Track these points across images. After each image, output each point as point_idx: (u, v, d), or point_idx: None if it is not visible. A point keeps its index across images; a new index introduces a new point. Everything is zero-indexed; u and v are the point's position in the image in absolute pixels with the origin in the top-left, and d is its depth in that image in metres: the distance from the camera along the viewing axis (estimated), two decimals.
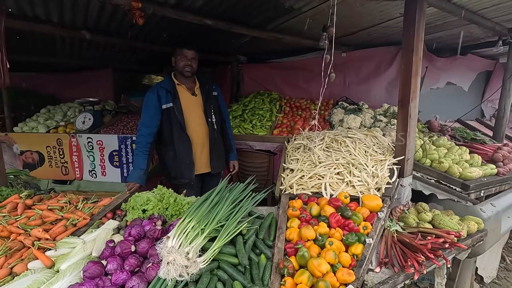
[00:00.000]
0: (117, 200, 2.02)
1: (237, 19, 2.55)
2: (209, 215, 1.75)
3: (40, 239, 1.62)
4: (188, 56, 2.34)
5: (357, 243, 1.64)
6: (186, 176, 2.36)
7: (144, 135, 2.24)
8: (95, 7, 2.29)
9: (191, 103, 2.37)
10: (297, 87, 3.80)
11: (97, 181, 3.36)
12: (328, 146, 2.37)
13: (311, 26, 2.79)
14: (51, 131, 3.41)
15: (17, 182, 2.09)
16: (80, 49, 3.44)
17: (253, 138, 3.06)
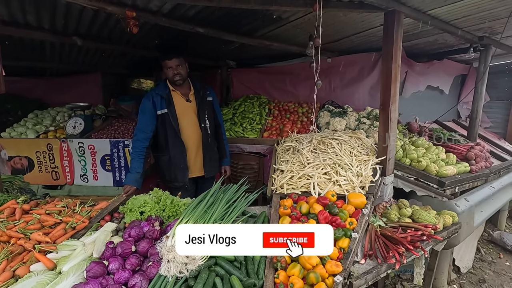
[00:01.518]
0: (114, 203, 2.07)
1: (227, 27, 2.65)
2: (205, 215, 1.84)
3: (41, 242, 1.67)
4: (172, 65, 2.39)
5: (344, 237, 1.77)
6: (180, 179, 2.44)
7: (140, 140, 2.31)
8: (89, 14, 2.34)
9: (186, 109, 2.45)
10: (285, 91, 3.94)
11: (88, 185, 3.37)
12: (316, 147, 2.51)
13: (297, 34, 2.93)
14: (41, 136, 3.40)
15: (13, 188, 2.12)
16: (70, 54, 3.44)
17: (244, 140, 3.17)
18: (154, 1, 2.10)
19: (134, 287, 1.43)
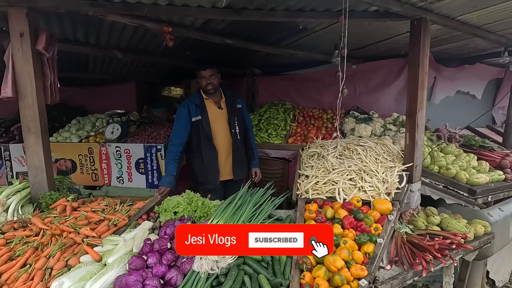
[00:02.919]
0: (150, 203, 2.24)
1: (253, 38, 2.79)
2: (234, 216, 1.95)
3: (88, 236, 1.86)
4: (206, 75, 2.57)
5: (369, 242, 1.80)
6: (211, 182, 2.58)
7: (175, 145, 2.49)
8: (129, 31, 2.57)
9: (217, 115, 2.61)
10: (309, 98, 4.00)
11: (123, 187, 3.61)
12: (341, 154, 2.55)
13: (322, 42, 3.00)
14: (83, 140, 3.71)
15: (62, 187, 2.36)
16: (109, 65, 3.75)
17: (269, 146, 3.27)
18: (188, 17, 2.28)
19: (170, 281, 1.56)
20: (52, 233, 1.88)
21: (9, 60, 1.99)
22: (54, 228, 1.90)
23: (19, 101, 2.06)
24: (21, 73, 2.01)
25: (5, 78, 2.00)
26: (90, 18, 2.29)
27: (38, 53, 2.04)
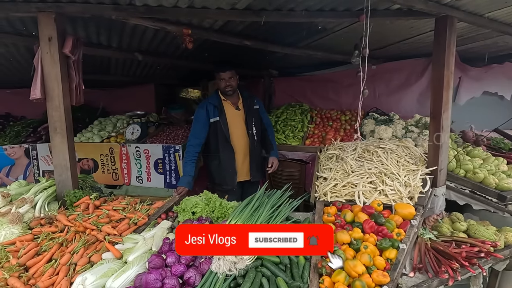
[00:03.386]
0: (169, 203, 2.28)
1: (271, 39, 2.78)
2: (251, 218, 1.95)
3: (109, 234, 1.90)
4: (225, 77, 2.58)
5: (391, 248, 1.74)
6: (229, 183, 2.59)
7: (193, 146, 2.52)
8: (150, 33, 2.63)
9: (235, 116, 2.62)
10: (327, 99, 3.94)
11: (142, 186, 3.70)
12: (360, 156, 2.49)
13: (341, 42, 2.95)
14: (104, 141, 3.82)
15: (86, 186, 2.44)
16: (130, 68, 3.85)
17: (286, 148, 3.24)
18: (207, 19, 2.30)
19: (189, 280, 1.57)
20: (76, 230, 1.94)
21: (38, 63, 2.09)
22: (78, 225, 1.96)
23: (47, 102, 2.15)
24: (49, 75, 2.10)
25: (35, 81, 2.10)
26: (113, 22, 2.36)
27: (65, 57, 2.13)
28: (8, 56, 3.05)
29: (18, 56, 3.08)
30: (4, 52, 2.93)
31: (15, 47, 2.84)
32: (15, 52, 2.98)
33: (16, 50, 2.91)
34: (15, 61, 3.24)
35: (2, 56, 3.04)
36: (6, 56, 3.08)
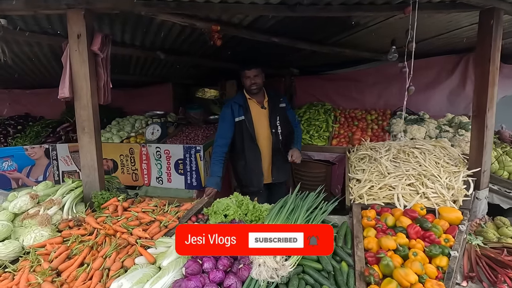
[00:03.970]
0: (198, 205, 2.20)
1: (300, 36, 2.69)
2: (287, 222, 1.86)
3: (141, 237, 1.84)
4: (250, 75, 2.51)
5: (441, 255, 1.63)
6: (255, 184, 2.51)
7: (220, 146, 2.44)
8: (175, 31, 2.56)
9: (260, 115, 2.54)
10: (350, 98, 3.83)
11: (163, 187, 3.64)
12: (395, 156, 2.37)
13: (370, 39, 2.84)
14: (124, 141, 3.78)
15: (112, 187, 2.38)
16: (149, 67, 3.80)
17: (313, 148, 3.14)
18: (237, 15, 2.22)
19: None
20: (106, 233, 1.88)
21: (66, 61, 2.04)
22: (107, 228, 1.90)
23: (75, 101, 2.10)
24: (77, 74, 2.05)
25: (63, 79, 2.05)
26: (140, 19, 2.31)
27: (93, 54, 2.07)
28: (31, 55, 3.02)
29: (41, 55, 3.05)
30: (28, 51, 2.90)
31: (39, 47, 2.81)
32: (38, 52, 2.95)
33: (39, 49, 2.88)
34: (37, 60, 3.22)
35: (25, 56, 3.02)
36: (29, 56, 3.06)
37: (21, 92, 4.47)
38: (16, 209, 1.99)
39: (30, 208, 2.04)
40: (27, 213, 1.99)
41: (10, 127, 4.07)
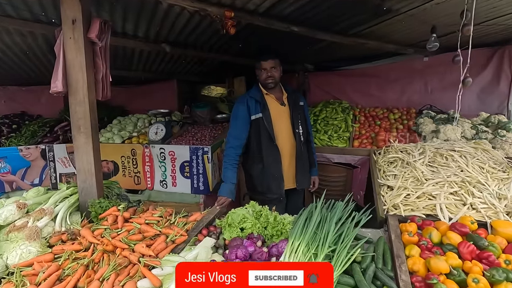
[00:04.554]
0: (209, 216, 1.93)
1: (320, 25, 2.41)
2: (315, 238, 1.59)
3: (144, 255, 1.57)
4: (266, 67, 2.25)
5: (505, 282, 1.35)
6: (274, 191, 2.23)
7: (234, 147, 2.17)
8: (183, 19, 2.30)
9: (280, 113, 2.27)
10: (369, 95, 3.55)
11: (167, 191, 3.38)
12: (432, 160, 2.10)
13: (396, 30, 2.57)
14: (126, 141, 3.52)
15: (112, 194, 2.12)
16: (153, 62, 3.54)
17: (332, 150, 2.87)
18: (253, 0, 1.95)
19: None
20: (104, 248, 1.62)
21: (60, 51, 1.78)
22: (106, 243, 1.64)
23: (69, 96, 1.84)
24: (72, 64, 1.79)
25: (56, 71, 1.79)
26: (144, 5, 2.04)
27: (90, 43, 1.81)
28: (25, 47, 2.77)
29: (36, 47, 2.80)
30: (21, 42, 2.65)
31: (32, 37, 2.55)
32: (32, 43, 2.70)
33: (33, 40, 2.62)
34: (32, 53, 2.96)
35: (18, 48, 2.76)
36: (22, 48, 2.80)
37: (17, 89, 4.22)
38: (1, 221, 1.73)
39: (17, 219, 1.78)
40: (13, 225, 1.73)
41: (5, 126, 3.81)
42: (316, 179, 2.41)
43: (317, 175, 2.43)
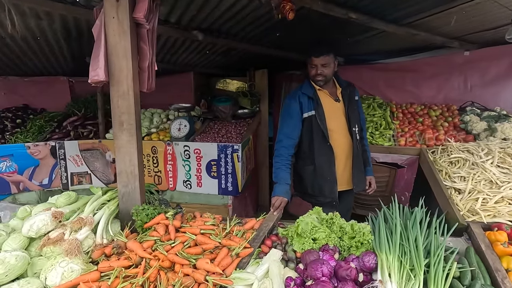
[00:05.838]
0: (267, 223, 1.72)
1: (376, 13, 2.21)
2: (403, 249, 1.41)
3: (209, 272, 1.35)
4: (317, 63, 2.04)
5: None
6: (327, 194, 2.04)
7: (286, 147, 1.96)
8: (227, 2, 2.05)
9: (334, 110, 2.07)
10: (403, 91, 3.38)
11: (191, 192, 3.15)
12: (502, 161, 1.95)
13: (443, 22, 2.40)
14: (145, 138, 3.25)
15: (153, 199, 1.88)
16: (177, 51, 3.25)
17: (377, 149, 2.69)
18: None
19: None
20: (160, 265, 1.39)
21: (101, 33, 1.51)
22: (161, 259, 1.41)
23: (111, 87, 1.58)
24: (114, 50, 1.53)
25: (95, 57, 1.53)
26: None
27: (136, 24, 1.56)
28: (37, 31, 2.45)
29: (49, 32, 2.49)
30: (34, 26, 2.34)
31: (49, 19, 2.25)
32: (46, 27, 2.39)
33: (48, 24, 2.32)
34: (43, 39, 2.64)
35: (30, 32, 2.45)
36: (33, 33, 2.49)
37: (19, 79, 3.84)
38: (33, 233, 1.48)
39: (50, 230, 1.52)
40: (47, 238, 1.47)
41: (8, 120, 3.47)
42: (372, 179, 2.23)
43: (373, 175, 2.24)
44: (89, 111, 3.71)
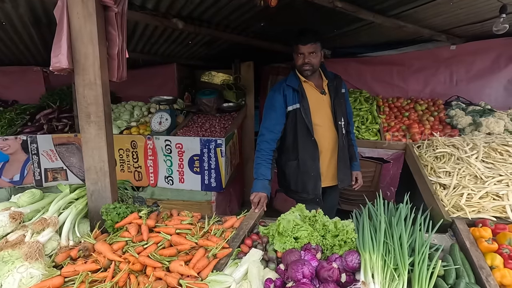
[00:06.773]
0: (248, 221, 1.64)
1: (362, 3, 2.14)
2: (387, 247, 1.36)
3: (182, 275, 1.26)
4: (304, 51, 1.92)
5: None
6: (310, 190, 1.97)
7: (268, 141, 1.87)
8: None
9: (320, 103, 1.98)
10: (390, 85, 3.35)
11: (173, 188, 3.03)
12: (486, 155, 1.92)
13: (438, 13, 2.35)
14: (124, 132, 3.10)
15: (126, 196, 1.76)
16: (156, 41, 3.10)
17: (363, 143, 2.64)
18: None
19: None
20: (130, 268, 1.29)
21: (63, 15, 1.37)
22: (132, 261, 1.31)
23: (76, 76, 1.45)
24: (79, 35, 1.40)
25: (57, 42, 1.39)
26: None
27: (103, 7, 1.42)
28: (2, 16, 2.26)
29: (16, 17, 2.30)
30: None
31: (13, 3, 2.07)
32: (11, 11, 2.20)
33: (13, 7, 2.13)
34: (9, 25, 2.45)
35: None
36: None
37: None
38: None
39: (9, 232, 1.39)
40: (5, 240, 1.35)
41: None
42: (358, 174, 2.16)
43: (360, 170, 2.18)
44: (65, 103, 3.51)
